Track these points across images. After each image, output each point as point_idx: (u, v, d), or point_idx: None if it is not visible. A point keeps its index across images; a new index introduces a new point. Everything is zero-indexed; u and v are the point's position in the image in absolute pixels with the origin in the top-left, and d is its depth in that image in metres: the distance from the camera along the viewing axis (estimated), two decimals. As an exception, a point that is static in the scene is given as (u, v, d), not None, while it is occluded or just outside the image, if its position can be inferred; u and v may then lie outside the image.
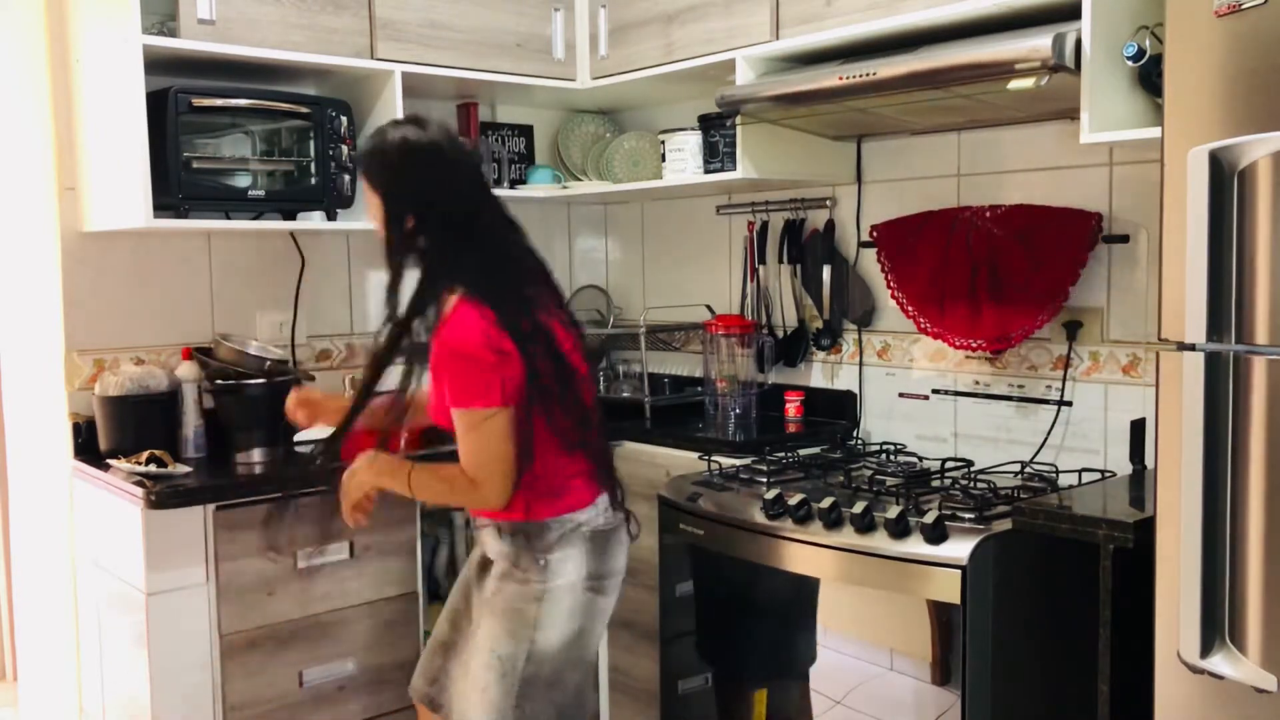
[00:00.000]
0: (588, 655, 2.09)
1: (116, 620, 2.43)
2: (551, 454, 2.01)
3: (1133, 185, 2.31)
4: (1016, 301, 2.44)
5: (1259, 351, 1.48)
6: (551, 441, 2.00)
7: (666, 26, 2.78)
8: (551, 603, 2.01)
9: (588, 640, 2.07)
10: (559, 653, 2.01)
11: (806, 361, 2.97)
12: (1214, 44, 1.52)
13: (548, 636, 2.01)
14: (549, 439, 1.99)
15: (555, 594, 2.01)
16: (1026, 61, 1.95)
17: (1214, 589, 1.52)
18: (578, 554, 2.02)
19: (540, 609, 2.01)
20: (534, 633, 2.01)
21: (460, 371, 1.93)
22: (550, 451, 2.01)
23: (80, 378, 2.61)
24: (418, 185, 1.96)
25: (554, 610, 2.01)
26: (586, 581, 2.03)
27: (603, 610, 2.08)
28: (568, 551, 2.02)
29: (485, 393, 1.91)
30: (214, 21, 2.41)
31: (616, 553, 2.09)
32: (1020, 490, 2.17)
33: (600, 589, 2.05)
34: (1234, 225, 1.49)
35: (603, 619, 2.10)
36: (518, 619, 2.01)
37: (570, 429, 2.01)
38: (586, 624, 2.04)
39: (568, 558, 2.01)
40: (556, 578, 2.01)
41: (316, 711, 2.45)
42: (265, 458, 2.52)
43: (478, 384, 1.91)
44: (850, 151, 2.81)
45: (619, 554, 2.10)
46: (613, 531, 2.08)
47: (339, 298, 3.02)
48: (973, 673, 1.91)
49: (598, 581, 2.04)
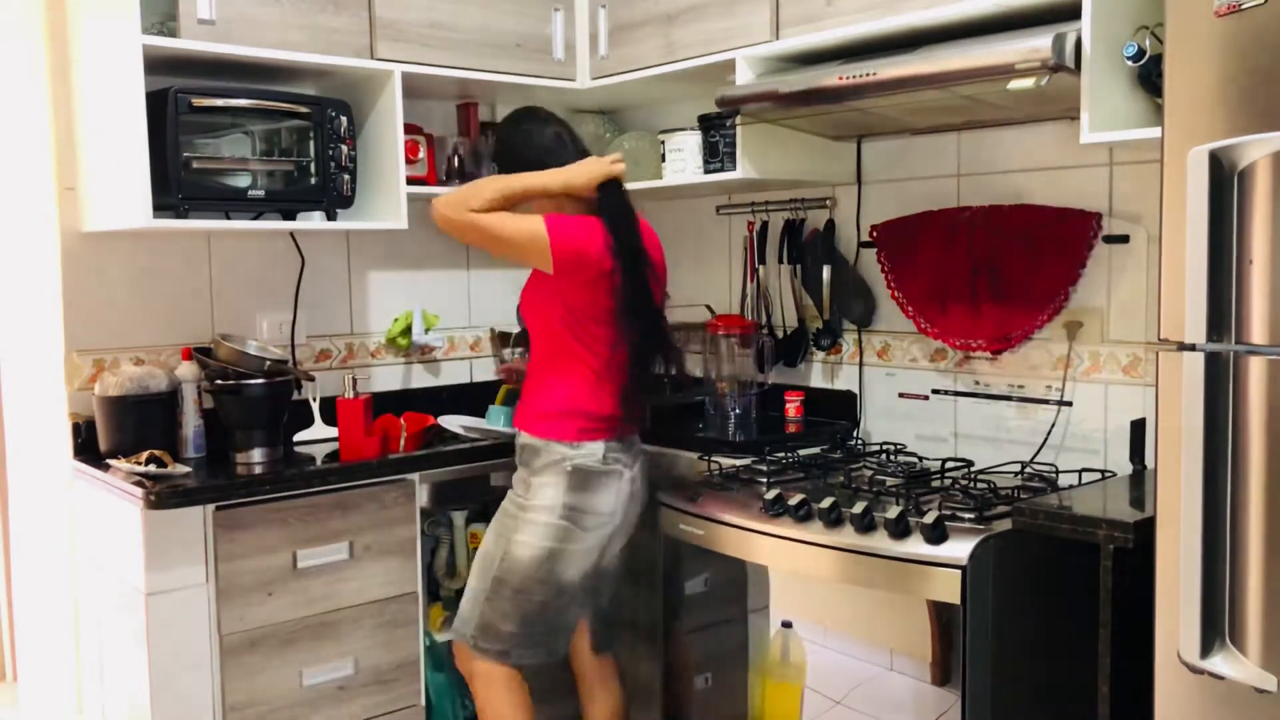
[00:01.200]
0: (559, 578, 2.33)
1: (116, 620, 2.43)
2: (572, 384, 2.33)
3: (1133, 185, 2.31)
4: (1016, 301, 2.44)
5: (1259, 351, 1.48)
6: (580, 371, 2.33)
7: (666, 26, 2.78)
8: (529, 519, 2.32)
9: (560, 564, 2.32)
10: (528, 566, 2.31)
11: (806, 361, 2.97)
12: (1214, 44, 1.52)
13: (520, 547, 2.32)
14: (579, 367, 2.32)
15: (533, 513, 2.32)
16: (1026, 62, 1.95)
17: (1214, 589, 1.52)
18: (558, 484, 2.31)
19: (518, 522, 2.34)
20: (511, 539, 2.33)
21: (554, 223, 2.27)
22: (572, 381, 2.33)
23: (80, 378, 2.61)
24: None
25: (530, 527, 2.32)
26: (562, 510, 2.31)
27: (582, 542, 2.33)
28: (548, 479, 2.32)
29: (552, 229, 2.24)
30: (214, 21, 2.41)
31: (601, 495, 2.33)
32: (1020, 490, 2.17)
33: (577, 522, 2.32)
34: (1234, 225, 1.49)
35: (580, 550, 2.33)
36: (501, 525, 2.38)
37: (601, 370, 2.32)
38: (558, 549, 2.31)
39: (547, 484, 2.32)
40: (536, 499, 2.33)
41: (316, 711, 2.45)
42: (265, 458, 2.52)
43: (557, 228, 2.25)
44: (850, 151, 2.81)
45: (604, 497, 2.34)
46: (602, 475, 2.33)
47: (339, 298, 3.02)
48: (973, 673, 1.91)
49: (574, 514, 2.31)
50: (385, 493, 2.53)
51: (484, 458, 2.72)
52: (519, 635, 2.36)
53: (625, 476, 2.37)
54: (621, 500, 2.37)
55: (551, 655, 2.44)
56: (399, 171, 2.69)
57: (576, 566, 2.35)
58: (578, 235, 2.26)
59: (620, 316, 2.29)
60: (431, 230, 3.16)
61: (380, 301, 3.10)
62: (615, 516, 2.37)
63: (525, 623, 2.35)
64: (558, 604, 2.37)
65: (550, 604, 2.36)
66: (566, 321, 2.32)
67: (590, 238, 2.27)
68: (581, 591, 2.41)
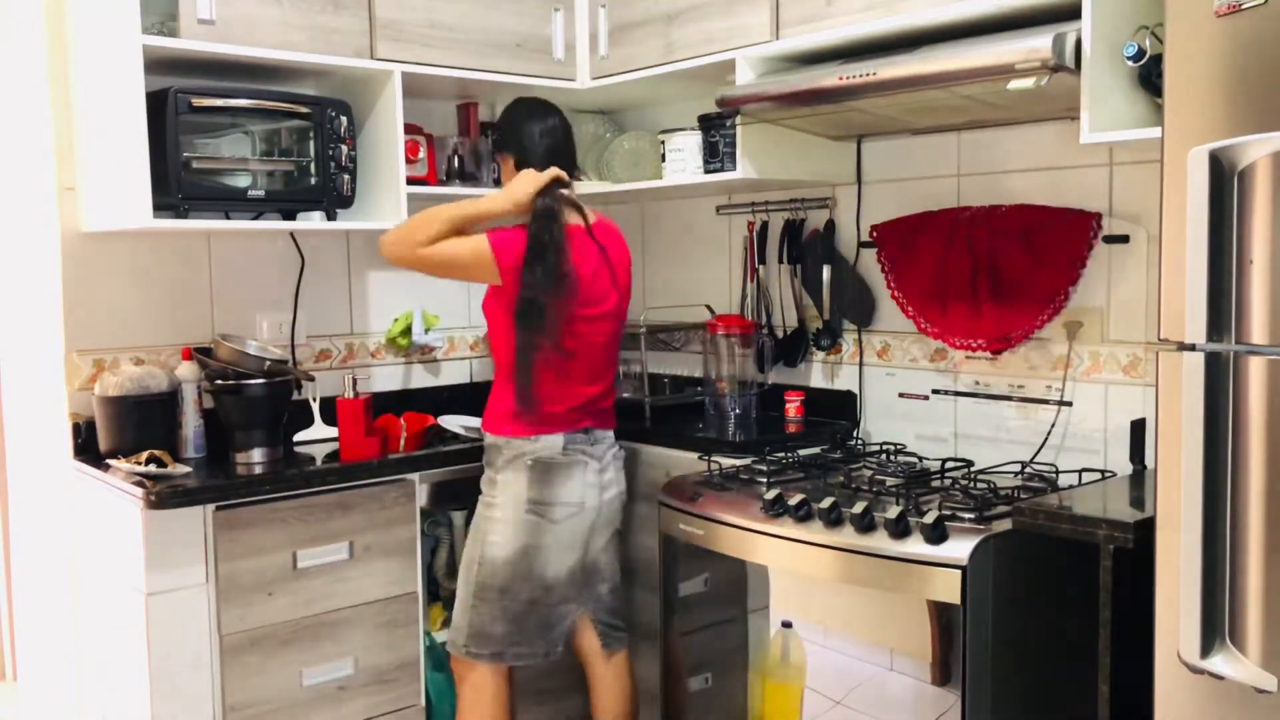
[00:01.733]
0: (542, 574, 2.38)
1: (116, 620, 2.43)
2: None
3: (1132, 185, 2.31)
4: (1017, 301, 2.44)
5: (1259, 351, 1.48)
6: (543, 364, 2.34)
7: (666, 26, 2.78)
8: (498, 518, 2.38)
9: (537, 559, 2.37)
10: (506, 564, 2.36)
11: (806, 361, 2.97)
12: (1214, 44, 1.52)
13: (494, 547, 2.37)
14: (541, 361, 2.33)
15: (500, 510, 2.38)
16: (1026, 62, 1.95)
17: (1214, 589, 1.52)
18: (520, 479, 2.37)
19: (490, 523, 2.39)
20: (484, 541, 2.39)
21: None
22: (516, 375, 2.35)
23: (80, 378, 2.61)
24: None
25: (500, 525, 2.37)
26: (527, 505, 2.36)
27: (554, 536, 2.37)
28: (510, 475, 2.38)
29: (496, 245, 2.33)
30: (214, 21, 2.41)
31: (565, 485, 2.38)
32: (1020, 490, 2.17)
33: (544, 515, 2.36)
34: (1234, 225, 1.49)
35: (555, 544, 2.38)
36: (477, 528, 2.43)
37: (561, 370, 2.35)
38: (532, 544, 2.36)
39: (510, 481, 2.38)
40: (501, 496, 2.38)
41: (316, 711, 2.45)
42: (265, 458, 2.52)
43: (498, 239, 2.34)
44: (850, 151, 2.81)
45: (569, 486, 2.38)
46: (563, 466, 2.37)
47: (339, 298, 3.03)
48: (973, 673, 1.91)
49: (540, 507, 2.36)
50: (385, 493, 2.53)
51: (484, 458, 2.71)
52: (511, 635, 2.38)
53: (590, 467, 2.41)
54: (590, 490, 2.41)
55: (548, 654, 2.45)
56: (399, 171, 2.69)
57: (557, 561, 2.38)
58: (520, 245, 2.33)
59: (514, 318, 2.33)
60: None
61: (380, 301, 3.10)
62: (586, 507, 2.40)
63: (515, 621, 2.38)
64: (546, 601, 2.40)
65: (539, 601, 2.39)
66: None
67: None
68: (571, 587, 2.43)
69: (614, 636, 2.56)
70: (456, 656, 2.45)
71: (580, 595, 2.47)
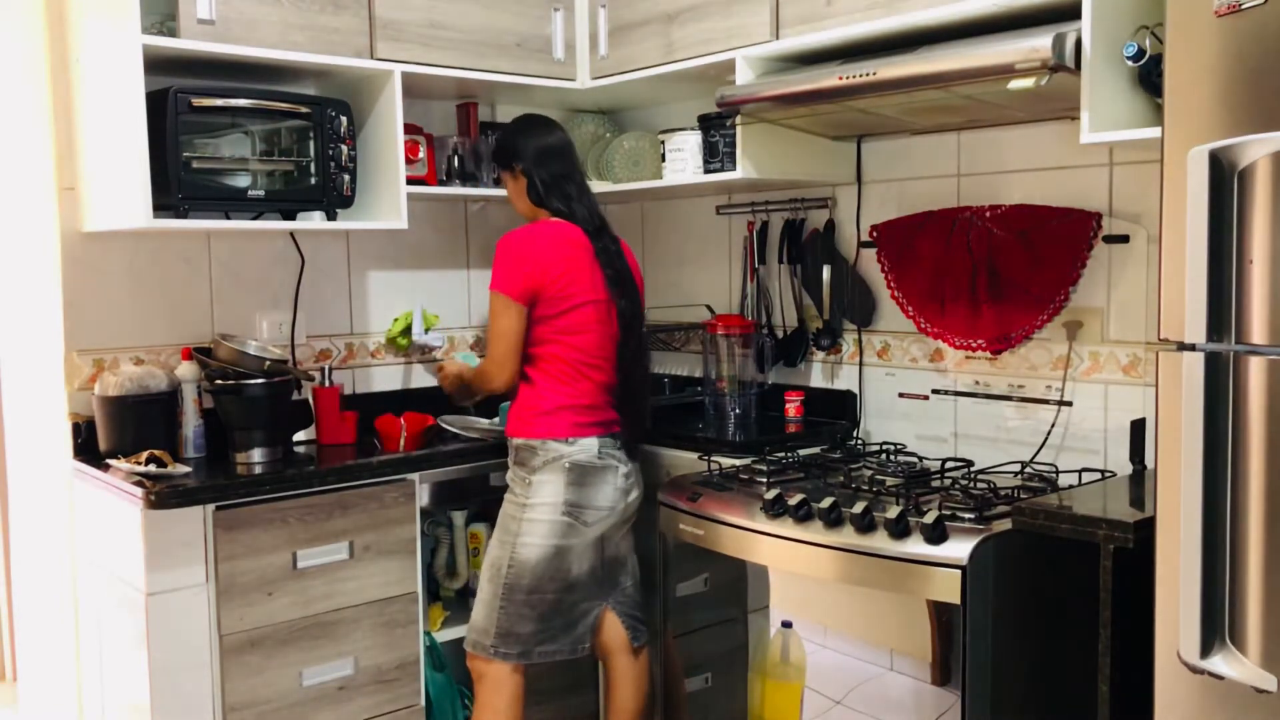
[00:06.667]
0: (570, 575, 2.42)
1: (116, 620, 2.43)
2: (550, 379, 2.42)
3: (1132, 185, 2.31)
4: (1016, 301, 2.44)
5: (1259, 351, 1.48)
6: (555, 366, 2.42)
7: (666, 26, 2.78)
8: (531, 519, 2.39)
9: (566, 560, 2.41)
10: (536, 565, 2.38)
11: (806, 361, 2.97)
12: (1214, 44, 1.52)
13: (527, 548, 2.38)
14: (553, 362, 2.42)
15: (535, 511, 2.39)
16: (1026, 62, 1.95)
17: (1214, 589, 1.52)
18: (557, 480, 2.39)
19: (521, 524, 2.40)
20: (515, 542, 2.40)
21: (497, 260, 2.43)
22: (550, 376, 2.42)
23: (80, 378, 2.61)
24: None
25: (533, 526, 2.39)
26: (564, 507, 2.39)
27: (584, 538, 2.42)
28: (547, 476, 2.40)
29: (505, 289, 2.40)
30: (214, 21, 2.41)
31: (600, 490, 2.42)
32: (1020, 490, 2.17)
33: (579, 517, 2.40)
34: (1234, 225, 1.49)
35: (587, 546, 2.43)
36: (506, 529, 2.43)
37: (577, 363, 2.42)
38: (564, 545, 2.40)
39: (546, 482, 2.39)
40: (536, 497, 2.39)
41: (316, 711, 2.45)
42: (265, 458, 2.52)
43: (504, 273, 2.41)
44: (850, 151, 2.81)
45: (603, 491, 2.43)
46: (599, 470, 2.42)
47: (339, 298, 3.02)
48: (973, 673, 1.91)
49: (575, 509, 2.40)
50: (385, 493, 2.53)
51: (484, 458, 2.72)
52: (538, 634, 2.42)
53: (620, 471, 2.46)
54: (619, 495, 2.46)
55: (574, 650, 2.48)
56: (399, 171, 2.69)
57: (583, 561, 2.43)
58: (521, 273, 2.39)
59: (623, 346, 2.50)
60: (431, 230, 3.18)
61: (380, 301, 3.10)
62: (615, 511, 2.45)
63: (543, 620, 2.41)
64: (570, 599, 2.44)
65: (563, 599, 2.43)
66: (537, 321, 2.44)
67: (535, 261, 2.39)
68: (593, 585, 2.47)
69: (640, 630, 2.58)
70: (479, 655, 2.45)
71: (602, 590, 2.51)
